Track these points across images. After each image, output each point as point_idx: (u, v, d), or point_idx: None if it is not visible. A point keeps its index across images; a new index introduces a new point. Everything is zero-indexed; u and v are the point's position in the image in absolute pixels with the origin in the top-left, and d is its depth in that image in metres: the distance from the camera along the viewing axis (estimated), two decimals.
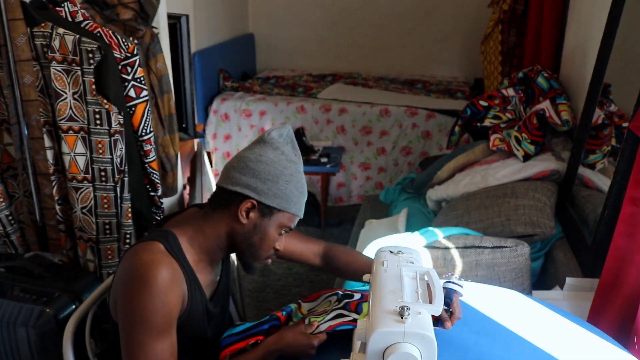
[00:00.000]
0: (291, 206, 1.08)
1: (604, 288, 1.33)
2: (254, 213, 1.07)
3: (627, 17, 1.68)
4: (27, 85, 1.57)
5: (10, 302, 1.44)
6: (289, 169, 1.07)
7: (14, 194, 1.71)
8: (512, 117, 2.45)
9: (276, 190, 1.05)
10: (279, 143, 1.08)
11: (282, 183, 1.05)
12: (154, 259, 1.00)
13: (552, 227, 1.76)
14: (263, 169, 1.05)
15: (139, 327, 0.98)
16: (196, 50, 3.66)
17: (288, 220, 1.10)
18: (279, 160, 1.06)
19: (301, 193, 1.09)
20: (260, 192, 1.05)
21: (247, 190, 1.05)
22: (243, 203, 1.05)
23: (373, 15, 4.85)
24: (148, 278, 0.98)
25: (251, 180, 1.05)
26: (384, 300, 0.87)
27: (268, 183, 1.04)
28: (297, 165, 1.09)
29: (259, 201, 1.05)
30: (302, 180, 1.10)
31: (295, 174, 1.08)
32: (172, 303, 1.01)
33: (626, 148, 1.43)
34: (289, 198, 1.07)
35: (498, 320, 1.20)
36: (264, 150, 1.06)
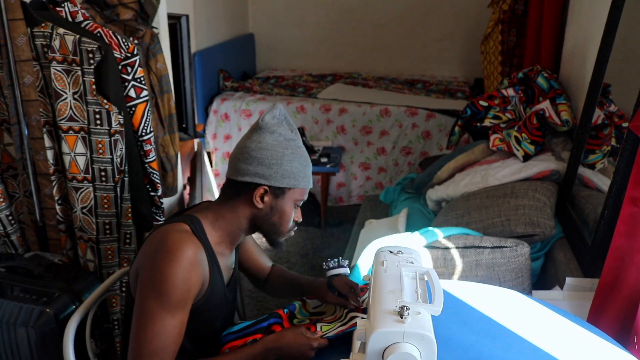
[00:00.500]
0: (300, 181, 1.14)
1: (603, 288, 1.33)
2: (268, 197, 1.13)
3: (627, 17, 1.68)
4: (27, 85, 1.57)
5: (11, 302, 1.44)
6: (290, 148, 1.12)
7: (14, 194, 1.71)
8: (512, 117, 2.45)
9: (283, 172, 1.11)
10: (274, 125, 1.13)
11: (286, 163, 1.11)
12: (183, 237, 1.05)
13: (552, 227, 1.76)
14: (266, 154, 1.10)
15: (156, 298, 1.01)
16: (196, 50, 3.66)
17: (300, 194, 1.16)
18: (278, 142, 1.11)
19: (306, 166, 1.15)
20: (269, 177, 1.11)
21: (257, 178, 1.11)
22: (256, 190, 1.12)
23: (373, 15, 4.85)
24: (176, 252, 1.02)
25: (258, 168, 1.11)
26: (384, 300, 0.87)
27: (274, 167, 1.10)
28: (296, 141, 1.14)
29: (270, 185, 1.11)
30: (304, 154, 1.16)
31: (296, 150, 1.13)
32: (193, 281, 1.04)
33: (626, 148, 1.43)
34: (296, 175, 1.13)
35: (498, 320, 1.20)
36: (262, 137, 1.11)
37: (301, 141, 1.17)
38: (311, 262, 3.05)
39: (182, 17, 2.42)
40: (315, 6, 4.91)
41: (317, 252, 3.16)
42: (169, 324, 1.02)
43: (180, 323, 1.04)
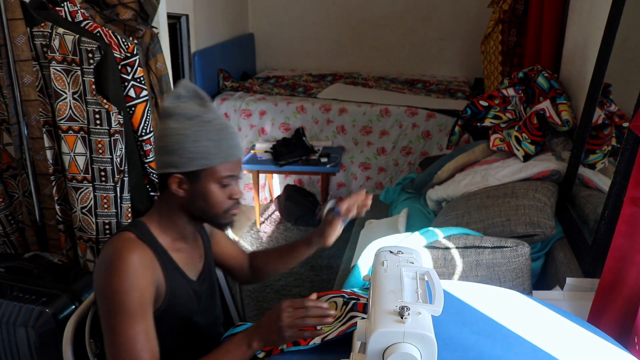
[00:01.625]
0: (213, 159, 1.06)
1: (604, 288, 1.33)
2: (185, 183, 1.08)
3: (627, 16, 1.68)
4: (27, 85, 1.57)
5: (10, 302, 1.44)
6: (192, 127, 1.05)
7: (14, 194, 1.71)
8: (512, 117, 2.44)
9: (188, 154, 1.05)
10: (173, 107, 1.07)
11: (190, 145, 1.04)
12: (123, 246, 1.03)
13: (552, 227, 1.76)
14: (169, 141, 1.06)
15: (112, 313, 1.00)
16: (196, 50, 3.66)
17: (221, 170, 1.08)
18: (180, 124, 1.05)
19: (219, 140, 1.06)
20: (177, 164, 1.06)
21: (167, 168, 1.07)
22: (170, 180, 1.08)
23: (373, 15, 4.84)
24: (117, 262, 1.01)
25: (165, 157, 1.07)
26: (384, 301, 0.86)
27: (178, 152, 1.05)
28: (202, 116, 1.06)
29: (181, 172, 1.06)
30: (215, 127, 1.07)
31: (201, 126, 1.05)
32: (143, 285, 1.02)
33: (626, 148, 1.43)
34: (205, 154, 1.05)
35: (498, 320, 1.20)
36: (165, 124, 1.07)
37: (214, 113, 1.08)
38: (311, 262, 3.05)
39: (182, 17, 2.42)
40: (315, 6, 4.91)
41: (317, 252, 3.15)
42: (133, 332, 0.99)
43: (144, 330, 1.01)
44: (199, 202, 1.09)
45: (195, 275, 1.20)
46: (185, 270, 1.15)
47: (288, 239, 3.32)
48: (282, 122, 3.72)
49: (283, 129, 3.73)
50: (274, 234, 3.39)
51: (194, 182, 1.08)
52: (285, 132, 3.73)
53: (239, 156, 1.11)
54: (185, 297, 1.14)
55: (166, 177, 1.08)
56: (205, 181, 1.08)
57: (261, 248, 1.46)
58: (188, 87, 1.10)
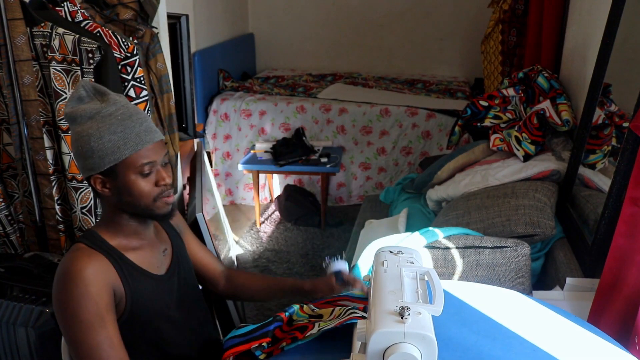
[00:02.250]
0: (122, 152, 1.04)
1: (604, 288, 1.33)
2: (107, 182, 1.07)
3: (627, 16, 1.68)
4: (27, 85, 1.57)
5: (10, 302, 1.44)
6: (93, 126, 1.03)
7: (14, 194, 1.71)
8: (512, 117, 2.44)
9: (98, 154, 1.03)
10: (73, 113, 1.05)
11: (95, 144, 1.03)
12: (72, 257, 1.03)
13: (552, 227, 1.76)
14: (78, 146, 1.05)
15: (69, 326, 0.99)
16: (196, 50, 3.66)
17: (135, 160, 1.05)
18: (82, 127, 1.04)
19: (122, 132, 1.03)
20: (91, 166, 1.05)
21: (87, 172, 1.07)
22: (92, 183, 1.08)
23: (373, 15, 4.84)
24: (66, 276, 1.01)
25: (80, 162, 1.07)
26: (384, 301, 0.86)
27: (87, 153, 1.04)
28: (101, 112, 1.03)
29: (98, 173, 1.06)
30: (117, 119, 1.04)
31: (101, 123, 1.03)
32: (96, 293, 1.00)
33: (626, 148, 1.43)
34: (112, 149, 1.03)
35: (498, 320, 1.20)
36: (72, 131, 1.07)
37: (115, 105, 1.05)
38: (311, 262, 3.05)
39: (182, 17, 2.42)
40: (315, 6, 4.91)
41: (317, 252, 3.16)
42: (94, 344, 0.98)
43: (106, 337, 0.99)
44: (126, 197, 1.07)
45: (162, 269, 1.17)
46: (145, 268, 1.13)
47: (288, 239, 3.32)
48: (282, 122, 3.72)
49: (283, 129, 3.73)
50: (274, 234, 3.39)
51: (114, 179, 1.06)
52: (285, 132, 3.73)
53: (151, 140, 1.07)
54: (151, 294, 1.12)
55: (88, 182, 1.08)
56: (123, 175, 1.05)
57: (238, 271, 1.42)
58: (87, 87, 1.07)
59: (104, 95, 1.07)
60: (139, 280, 1.10)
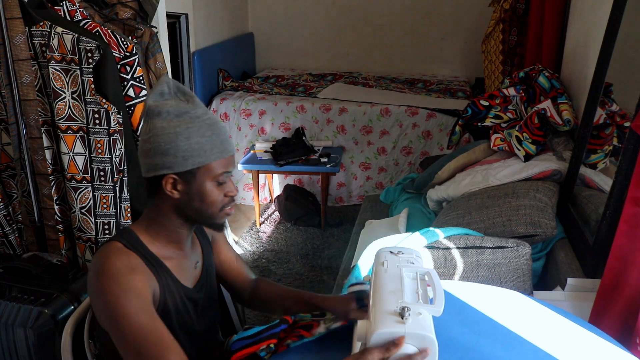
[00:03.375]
0: (207, 156, 1.02)
1: (605, 289, 1.32)
2: (180, 184, 1.04)
3: (628, 16, 1.67)
4: (26, 84, 1.57)
5: (9, 302, 1.43)
6: (182, 125, 1.01)
7: (12, 194, 1.71)
8: (513, 116, 2.44)
9: (182, 153, 1.01)
10: (159, 106, 1.02)
11: (182, 143, 1.00)
12: (109, 254, 1.00)
13: (553, 228, 1.76)
14: (159, 141, 1.01)
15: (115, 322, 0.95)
16: (195, 50, 3.65)
17: (216, 167, 1.04)
18: (168, 123, 1.01)
19: (211, 136, 1.03)
20: (170, 165, 1.01)
21: (159, 170, 1.02)
22: (164, 182, 1.03)
23: (373, 15, 4.84)
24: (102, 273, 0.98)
25: (156, 158, 1.02)
26: (384, 301, 0.86)
27: (170, 152, 1.01)
28: (190, 112, 1.03)
29: (175, 172, 1.02)
30: (206, 123, 1.03)
31: (191, 123, 1.02)
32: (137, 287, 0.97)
33: (628, 148, 1.42)
34: (199, 151, 1.01)
35: (499, 321, 1.20)
36: (151, 124, 1.02)
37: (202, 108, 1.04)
38: (311, 262, 3.04)
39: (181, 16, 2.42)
40: (315, 5, 4.90)
41: (317, 252, 3.15)
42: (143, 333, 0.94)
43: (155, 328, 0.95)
44: (196, 203, 1.05)
45: (191, 283, 1.16)
46: (179, 278, 1.11)
47: (288, 239, 3.31)
48: (282, 121, 3.72)
49: (283, 129, 3.72)
50: (273, 234, 3.38)
51: (190, 182, 1.04)
52: (285, 131, 3.72)
53: (232, 151, 1.08)
54: (179, 306, 1.11)
55: (159, 180, 1.04)
56: (202, 180, 1.04)
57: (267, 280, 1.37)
58: (170, 84, 1.05)
59: (188, 95, 1.05)
60: (171, 289, 1.08)
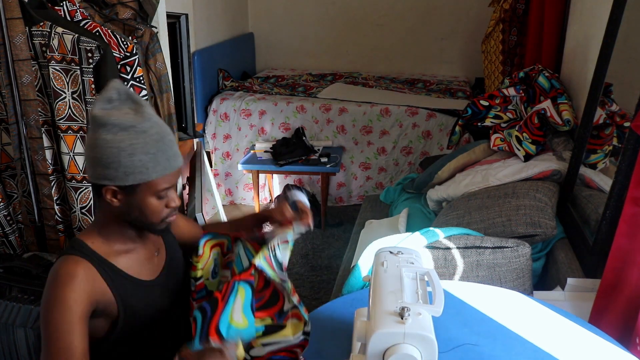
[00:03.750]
0: (149, 174, 1.01)
1: (605, 289, 1.33)
2: (120, 194, 1.03)
3: (628, 16, 1.67)
4: (26, 84, 1.57)
5: (9, 302, 1.43)
6: (126, 140, 0.98)
7: (13, 194, 1.71)
8: (513, 116, 2.44)
9: (124, 169, 0.99)
10: (105, 116, 0.98)
11: (124, 159, 0.98)
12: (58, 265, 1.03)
13: (553, 228, 1.76)
14: (101, 154, 0.99)
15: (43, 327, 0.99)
16: (196, 50, 3.65)
17: (158, 184, 1.03)
18: (113, 137, 0.98)
19: (156, 153, 1.00)
20: (111, 177, 1.00)
21: (100, 180, 1.02)
22: (103, 191, 1.03)
23: (373, 15, 4.84)
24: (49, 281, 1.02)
25: (97, 169, 1.01)
26: (384, 301, 0.86)
27: (112, 165, 0.99)
28: (136, 127, 0.99)
29: (116, 185, 1.01)
30: (152, 138, 1.00)
31: (135, 139, 0.99)
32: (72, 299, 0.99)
33: (628, 148, 1.42)
34: (141, 169, 1.00)
35: (499, 321, 1.20)
36: (97, 133, 0.99)
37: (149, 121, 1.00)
38: (311, 262, 3.04)
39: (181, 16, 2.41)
40: (315, 5, 4.90)
41: (317, 252, 3.16)
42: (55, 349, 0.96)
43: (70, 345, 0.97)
44: (134, 213, 1.06)
45: (155, 272, 1.17)
46: (134, 274, 1.12)
47: None
48: (282, 121, 3.72)
49: (283, 129, 3.73)
50: None
51: (130, 194, 1.03)
52: (285, 132, 3.73)
53: (177, 166, 1.06)
54: (143, 301, 1.12)
55: (98, 187, 1.04)
56: (142, 194, 1.03)
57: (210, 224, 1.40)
58: (120, 90, 1.02)
59: (137, 104, 1.02)
60: (128, 287, 1.09)
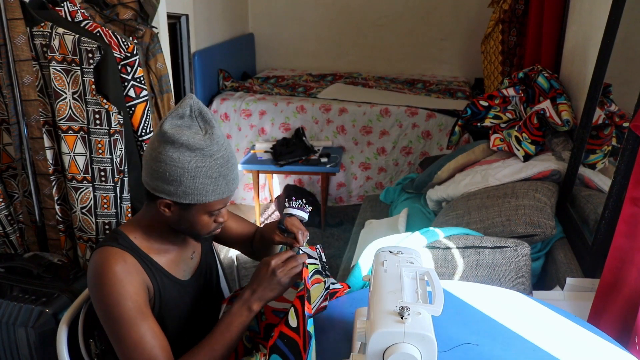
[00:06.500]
0: (207, 197, 1.02)
1: (604, 288, 1.33)
2: (174, 207, 1.05)
3: (627, 16, 1.68)
4: (27, 85, 1.57)
5: (10, 302, 1.44)
6: (192, 162, 0.99)
7: (14, 194, 1.71)
8: (512, 117, 2.44)
9: (184, 189, 1.00)
10: (176, 135, 0.98)
11: (187, 180, 1.00)
12: (104, 257, 1.04)
13: (552, 227, 1.76)
14: (164, 169, 0.99)
15: (112, 323, 1.02)
16: (196, 50, 3.65)
17: (214, 205, 1.05)
18: (179, 156, 0.98)
19: (217, 178, 1.02)
20: (169, 193, 1.01)
21: (158, 192, 1.03)
22: (159, 202, 1.04)
23: (373, 15, 4.84)
24: (102, 277, 1.03)
25: (157, 182, 1.01)
26: (384, 301, 0.86)
27: (174, 184, 1.00)
28: (204, 150, 0.99)
29: (173, 200, 1.03)
30: (216, 163, 1.01)
31: (202, 163, 0.99)
32: (133, 292, 1.03)
33: (627, 148, 1.43)
34: (200, 191, 1.01)
35: (499, 320, 1.20)
36: (163, 148, 0.99)
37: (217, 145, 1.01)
38: None
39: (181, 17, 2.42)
40: (315, 6, 4.90)
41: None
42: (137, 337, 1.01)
43: (148, 329, 1.02)
44: (183, 225, 1.09)
45: (189, 273, 1.20)
46: (172, 272, 1.15)
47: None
48: (282, 122, 3.72)
49: (283, 129, 3.73)
50: None
51: (184, 210, 1.05)
52: (285, 132, 3.73)
53: (234, 188, 1.07)
54: (176, 299, 1.15)
55: (153, 196, 1.05)
56: (196, 212, 1.06)
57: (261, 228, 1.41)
58: (193, 107, 1.02)
59: (208, 125, 1.02)
60: (166, 283, 1.12)
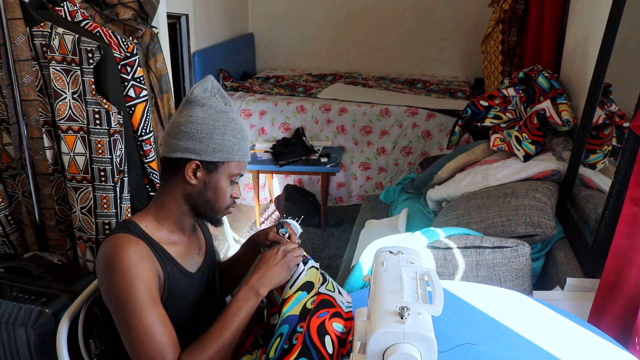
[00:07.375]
0: (234, 155, 1.11)
1: (604, 288, 1.33)
2: (201, 172, 1.11)
3: (627, 16, 1.67)
4: (27, 85, 1.57)
5: (10, 302, 1.43)
6: (221, 121, 1.10)
7: (13, 194, 1.71)
8: (512, 117, 2.44)
9: (214, 145, 1.09)
10: (205, 98, 1.11)
11: (217, 136, 1.09)
12: (116, 243, 1.05)
13: (552, 227, 1.76)
14: (196, 128, 1.09)
15: (123, 308, 1.02)
16: (196, 50, 3.65)
17: (236, 168, 1.13)
18: (209, 115, 1.09)
19: (240, 139, 1.12)
20: (199, 152, 1.09)
21: (187, 153, 1.09)
22: (187, 166, 1.10)
23: (373, 15, 4.84)
24: (114, 261, 1.03)
25: (188, 142, 1.09)
26: (384, 301, 0.86)
27: (204, 141, 1.08)
28: (229, 113, 1.12)
29: (202, 160, 1.09)
30: (238, 126, 1.13)
31: (228, 122, 1.11)
32: (146, 275, 1.04)
33: (627, 148, 1.43)
34: (228, 148, 1.10)
35: (499, 320, 1.20)
36: (192, 110, 1.10)
37: (237, 114, 1.15)
38: None
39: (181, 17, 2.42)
40: (315, 6, 4.90)
41: (317, 252, 3.16)
42: (148, 323, 1.01)
43: (159, 316, 1.03)
44: (209, 193, 1.13)
45: (195, 268, 1.21)
46: (182, 264, 1.16)
47: None
48: (282, 122, 3.72)
49: (283, 129, 3.73)
50: None
51: (211, 173, 1.11)
52: (285, 132, 3.73)
53: (249, 158, 1.17)
54: (184, 290, 1.15)
55: (181, 162, 1.10)
56: (221, 174, 1.12)
57: None
58: (214, 84, 1.14)
59: (226, 100, 1.15)
60: (175, 273, 1.13)
